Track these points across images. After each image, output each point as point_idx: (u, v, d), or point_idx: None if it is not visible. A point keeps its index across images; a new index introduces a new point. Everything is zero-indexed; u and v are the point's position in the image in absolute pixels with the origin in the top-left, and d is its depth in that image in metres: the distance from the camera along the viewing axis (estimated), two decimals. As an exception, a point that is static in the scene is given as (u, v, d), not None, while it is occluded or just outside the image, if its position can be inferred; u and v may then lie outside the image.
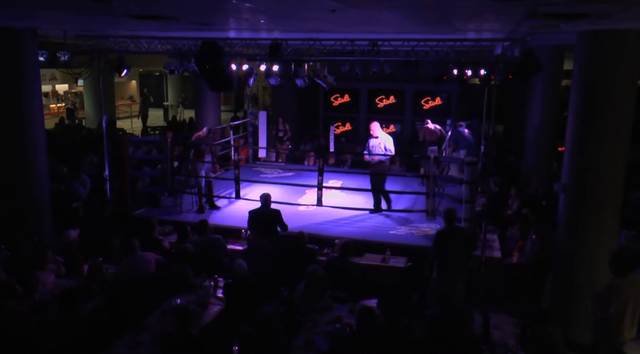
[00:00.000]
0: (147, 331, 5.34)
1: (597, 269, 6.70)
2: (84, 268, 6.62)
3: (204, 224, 7.34)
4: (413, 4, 4.61)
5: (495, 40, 8.22)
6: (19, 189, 7.76)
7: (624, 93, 6.35)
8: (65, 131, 17.22)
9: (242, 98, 24.31)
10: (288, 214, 8.48)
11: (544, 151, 11.15)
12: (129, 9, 5.12)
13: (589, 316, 6.71)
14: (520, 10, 4.63)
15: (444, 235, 6.53)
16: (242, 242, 7.91)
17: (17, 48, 7.51)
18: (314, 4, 4.61)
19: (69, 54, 8.14)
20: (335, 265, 6.65)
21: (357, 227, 8.53)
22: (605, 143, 6.42)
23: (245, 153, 12.87)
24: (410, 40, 8.02)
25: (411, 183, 10.71)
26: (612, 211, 6.61)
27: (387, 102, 15.62)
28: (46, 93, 22.40)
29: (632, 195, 9.57)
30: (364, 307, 5.27)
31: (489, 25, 6.53)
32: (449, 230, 6.55)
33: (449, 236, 6.51)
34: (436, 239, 6.54)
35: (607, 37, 6.21)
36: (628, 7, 4.27)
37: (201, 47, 7.36)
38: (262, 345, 4.83)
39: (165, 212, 9.18)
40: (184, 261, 6.45)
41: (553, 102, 11.06)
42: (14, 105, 7.60)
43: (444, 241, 6.48)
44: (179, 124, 19.84)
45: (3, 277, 6.06)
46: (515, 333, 5.43)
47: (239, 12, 5.40)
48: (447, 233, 6.54)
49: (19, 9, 5.46)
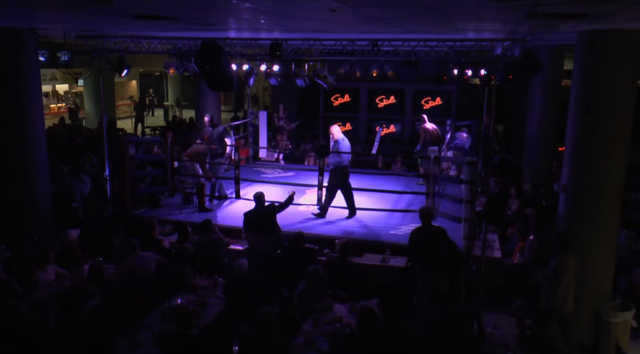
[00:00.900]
0: (147, 331, 5.35)
1: (597, 269, 6.71)
2: (84, 267, 6.62)
3: (207, 224, 7.34)
4: (413, 3, 4.60)
5: (495, 40, 8.22)
6: (19, 189, 7.76)
7: (624, 93, 6.35)
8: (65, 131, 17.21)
9: (242, 98, 24.31)
10: (288, 214, 8.49)
11: (544, 151, 11.15)
12: (129, 9, 5.12)
13: (589, 316, 6.72)
14: (520, 10, 4.62)
15: (418, 234, 6.55)
16: (242, 242, 7.91)
17: (17, 48, 7.51)
18: (314, 4, 4.61)
19: (69, 54, 8.13)
20: (335, 265, 6.66)
21: (357, 227, 8.53)
22: (605, 143, 6.42)
23: (245, 153, 12.87)
24: (410, 40, 8.02)
25: (411, 183, 10.71)
26: (612, 211, 6.60)
27: (387, 102, 15.63)
28: (46, 93, 22.37)
29: (632, 195, 9.57)
30: (364, 307, 5.27)
31: (489, 25, 6.53)
32: (425, 229, 6.56)
33: (424, 234, 6.53)
34: (411, 237, 6.58)
35: (607, 37, 6.22)
36: (628, 7, 4.27)
37: (201, 47, 7.36)
38: (262, 345, 4.83)
39: (165, 212, 9.18)
40: (184, 261, 6.46)
41: (553, 102, 11.06)
42: (14, 105, 7.60)
43: (419, 239, 6.51)
44: (179, 123, 19.83)
45: (3, 277, 6.06)
46: (515, 333, 5.43)
47: (239, 12, 5.39)
48: (423, 232, 6.55)
49: (19, 9, 5.46)
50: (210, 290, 6.36)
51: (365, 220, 8.78)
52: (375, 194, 9.69)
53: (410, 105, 15.35)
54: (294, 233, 7.18)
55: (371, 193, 9.66)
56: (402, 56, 8.34)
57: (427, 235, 6.54)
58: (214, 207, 9.39)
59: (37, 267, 6.32)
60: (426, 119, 11.33)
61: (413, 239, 6.56)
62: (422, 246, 6.47)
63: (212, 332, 5.37)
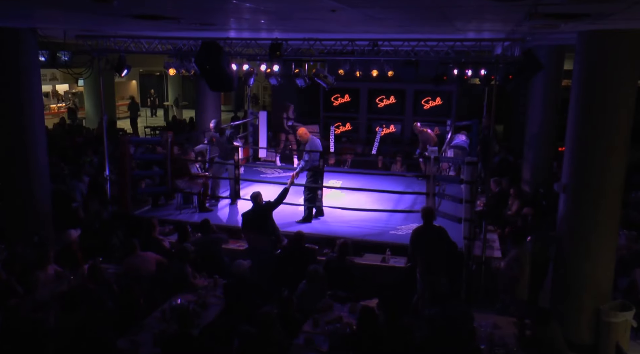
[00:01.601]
0: (147, 331, 5.35)
1: (597, 269, 6.71)
2: (84, 267, 6.62)
3: (206, 224, 7.34)
4: (413, 3, 4.60)
5: (496, 40, 8.22)
6: (19, 189, 7.76)
7: (624, 93, 6.35)
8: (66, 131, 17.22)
9: (242, 98, 24.31)
10: (288, 214, 8.50)
11: (544, 151, 11.15)
12: (129, 9, 5.12)
13: (589, 316, 6.72)
14: (520, 10, 4.63)
15: (419, 233, 6.61)
16: (243, 242, 7.91)
17: (17, 48, 7.51)
18: (314, 4, 4.61)
19: (69, 54, 8.13)
20: (334, 265, 6.65)
21: (357, 227, 8.52)
22: (605, 143, 6.42)
23: (245, 153, 12.86)
24: (410, 40, 8.02)
25: (412, 183, 10.71)
26: (612, 211, 6.60)
27: (387, 102, 15.62)
28: (46, 93, 22.38)
29: (632, 195, 9.57)
30: (364, 307, 5.27)
31: (489, 25, 6.53)
32: (426, 228, 6.62)
33: (425, 234, 6.59)
34: (412, 237, 6.64)
35: (607, 37, 6.21)
36: (628, 7, 4.27)
37: (201, 47, 7.36)
38: (262, 345, 4.83)
39: (165, 213, 9.18)
40: (184, 260, 6.45)
41: (553, 102, 11.05)
42: (14, 105, 7.60)
43: (420, 238, 6.56)
44: (179, 123, 19.84)
45: (3, 277, 6.06)
46: (515, 333, 5.43)
47: (239, 12, 5.40)
48: (424, 231, 6.61)
49: (19, 9, 5.46)
50: (210, 290, 6.36)
51: (366, 220, 8.77)
52: (375, 194, 9.69)
53: (410, 105, 15.35)
54: (294, 233, 7.18)
55: (371, 193, 9.67)
56: (402, 56, 8.34)
57: (428, 235, 6.57)
58: (212, 208, 9.39)
59: (37, 267, 6.32)
60: (418, 124, 11.36)
61: (414, 239, 6.59)
62: (423, 246, 6.50)
63: (212, 332, 5.36)
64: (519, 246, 6.55)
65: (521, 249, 6.53)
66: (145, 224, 7.61)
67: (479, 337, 5.32)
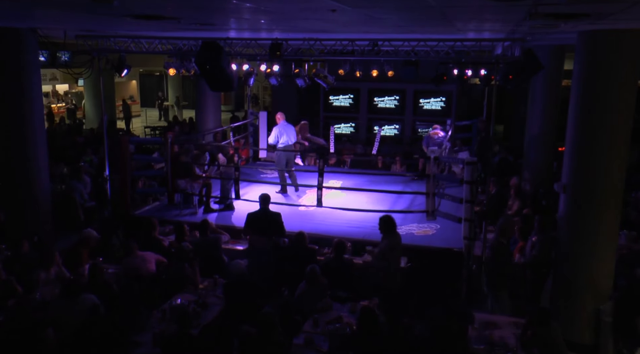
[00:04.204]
0: (147, 331, 5.35)
1: (597, 269, 6.71)
2: (84, 267, 6.62)
3: (205, 224, 7.34)
4: (413, 4, 4.60)
5: (496, 40, 8.21)
6: (19, 188, 7.76)
7: (624, 93, 6.35)
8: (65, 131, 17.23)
9: (242, 98, 24.32)
10: (288, 215, 8.48)
11: (544, 151, 11.15)
12: (129, 9, 5.12)
13: (589, 316, 6.71)
14: (521, 10, 4.63)
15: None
16: (243, 242, 7.91)
17: (17, 48, 7.51)
18: (314, 4, 4.61)
19: (69, 54, 8.13)
20: (332, 265, 6.64)
21: (357, 227, 8.51)
22: (605, 143, 6.42)
23: (245, 153, 12.86)
24: (411, 40, 8.02)
25: (411, 183, 10.71)
26: (612, 211, 6.60)
27: (387, 103, 15.63)
28: (46, 93, 22.39)
29: (632, 195, 9.57)
30: (364, 307, 5.27)
31: (489, 25, 6.53)
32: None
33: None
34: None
35: (607, 37, 6.21)
36: (628, 7, 4.27)
37: (201, 47, 7.35)
38: (262, 345, 4.83)
39: (165, 213, 9.18)
40: (184, 260, 6.45)
41: (553, 102, 11.06)
42: (14, 105, 7.59)
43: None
44: (180, 124, 19.81)
45: (3, 277, 6.06)
46: (515, 333, 5.43)
47: (239, 12, 5.40)
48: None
49: (19, 9, 5.46)
50: (210, 290, 6.36)
51: (365, 220, 8.77)
52: (375, 194, 9.69)
53: (410, 105, 15.35)
54: (295, 233, 7.17)
55: (371, 193, 9.66)
56: (402, 56, 8.33)
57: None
58: (220, 206, 9.38)
59: (41, 267, 6.32)
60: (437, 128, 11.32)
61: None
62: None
63: (212, 332, 5.36)
64: (392, 234, 6.69)
65: (393, 237, 6.69)
66: (146, 224, 7.60)
67: (479, 337, 5.33)
